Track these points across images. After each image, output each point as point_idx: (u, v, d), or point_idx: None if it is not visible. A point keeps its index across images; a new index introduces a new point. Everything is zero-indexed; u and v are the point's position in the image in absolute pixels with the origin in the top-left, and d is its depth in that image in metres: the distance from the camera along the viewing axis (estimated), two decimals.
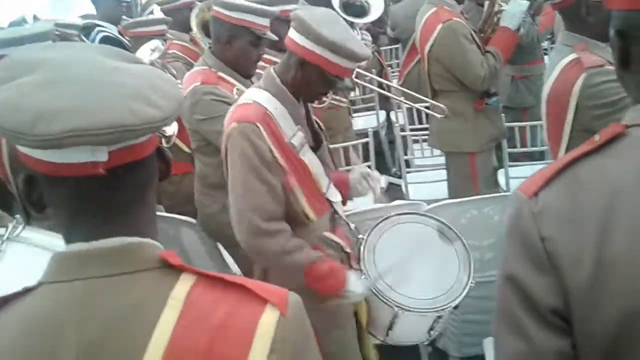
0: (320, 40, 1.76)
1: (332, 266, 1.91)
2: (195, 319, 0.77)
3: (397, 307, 1.93)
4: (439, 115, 3.09)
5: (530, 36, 4.02)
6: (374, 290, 1.96)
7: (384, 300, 1.95)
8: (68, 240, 0.81)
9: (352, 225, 2.21)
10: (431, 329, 2.05)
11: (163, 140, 2.84)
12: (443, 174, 3.55)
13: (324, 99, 3.00)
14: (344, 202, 2.17)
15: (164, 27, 3.60)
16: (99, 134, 0.71)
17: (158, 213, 2.79)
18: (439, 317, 1.98)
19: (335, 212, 2.05)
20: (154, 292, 0.78)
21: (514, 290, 0.87)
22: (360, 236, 2.15)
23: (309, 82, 1.86)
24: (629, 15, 0.85)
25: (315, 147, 2.00)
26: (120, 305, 0.76)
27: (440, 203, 2.71)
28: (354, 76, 3.03)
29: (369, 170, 2.24)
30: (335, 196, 2.05)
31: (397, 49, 5.84)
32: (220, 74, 2.58)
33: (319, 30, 1.76)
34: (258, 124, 1.80)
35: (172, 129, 2.87)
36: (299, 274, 1.86)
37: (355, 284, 1.91)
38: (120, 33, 4.05)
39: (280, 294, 0.82)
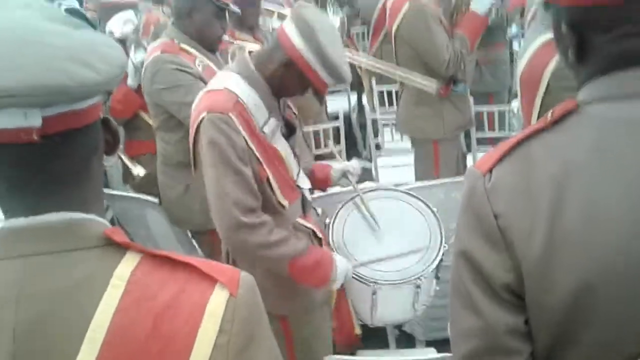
0: (318, 52, 1.69)
1: (317, 258, 1.87)
2: (140, 299, 0.74)
3: (372, 282, 1.92)
4: (433, 92, 3.02)
5: (500, 14, 4.03)
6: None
7: (359, 279, 1.94)
8: (7, 214, 0.77)
9: (319, 210, 2.20)
10: (415, 301, 2.03)
11: (132, 171, 2.80)
12: (412, 158, 3.57)
13: None
14: (323, 190, 2.16)
15: None
16: (29, 94, 0.68)
17: (124, 193, 2.74)
18: (418, 286, 1.97)
19: (305, 198, 2.03)
20: (97, 270, 0.75)
21: (467, 266, 0.87)
22: (327, 220, 2.14)
23: (287, 82, 1.80)
24: (583, 9, 0.85)
25: (288, 135, 1.95)
26: (61, 284, 0.73)
27: (407, 186, 2.72)
28: None
29: (349, 166, 2.20)
30: (305, 183, 2.03)
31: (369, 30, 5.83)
32: (183, 45, 2.52)
33: (321, 41, 1.68)
34: (231, 114, 1.72)
35: (137, 170, 2.82)
36: (284, 267, 1.81)
37: (340, 273, 1.89)
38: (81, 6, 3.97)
39: (231, 273, 0.80)
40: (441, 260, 2.00)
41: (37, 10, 0.78)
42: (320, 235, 2.06)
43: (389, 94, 4.35)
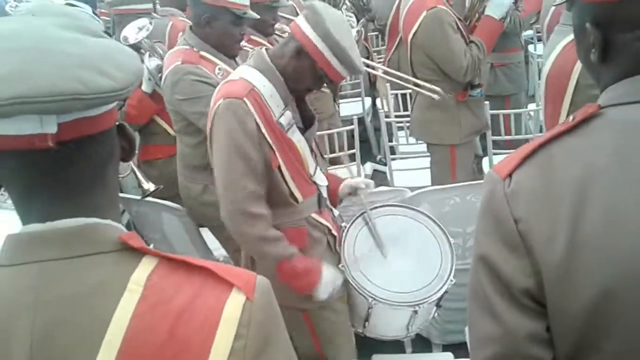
0: (327, 38, 1.75)
1: (307, 266, 1.88)
2: (156, 303, 0.74)
3: (371, 297, 1.92)
4: (435, 97, 2.97)
5: (513, 21, 4.00)
6: (350, 280, 1.95)
7: (359, 290, 1.93)
8: (24, 220, 0.78)
9: (336, 212, 2.19)
10: (410, 324, 2.02)
11: (142, 186, 2.82)
12: (427, 161, 3.54)
13: None
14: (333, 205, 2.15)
15: (150, 5, 3.54)
16: (44, 101, 0.68)
17: (139, 197, 2.73)
18: (415, 312, 1.95)
19: (321, 195, 2.03)
20: (114, 275, 0.75)
21: (486, 271, 0.86)
22: (343, 224, 2.13)
23: (299, 73, 1.83)
24: (610, 5, 0.84)
25: (304, 129, 1.97)
26: (77, 290, 0.73)
27: (423, 190, 2.70)
28: None
29: (361, 183, 2.18)
30: (322, 180, 2.03)
31: (384, 34, 5.81)
32: (203, 53, 2.53)
33: (329, 28, 1.74)
34: (245, 99, 1.78)
35: (147, 186, 2.84)
36: (272, 264, 1.83)
37: (323, 289, 1.89)
38: (95, 14, 3.98)
39: (247, 277, 0.79)
40: (445, 292, 1.98)
41: (53, 18, 0.79)
42: (335, 233, 2.06)
43: (404, 97, 4.33)
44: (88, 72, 0.72)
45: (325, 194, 2.06)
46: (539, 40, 5.35)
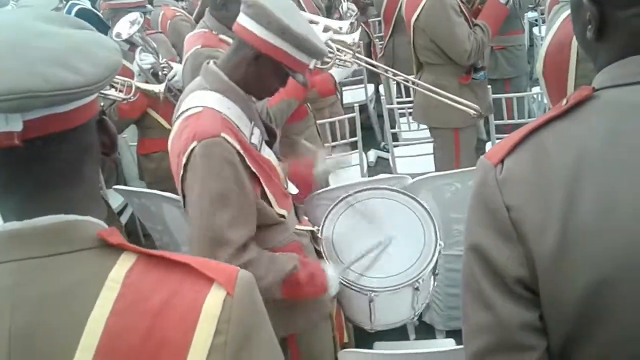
0: (284, 33, 1.57)
1: (310, 272, 1.78)
2: (134, 301, 0.73)
3: (369, 291, 1.88)
4: (472, 113, 2.74)
5: (513, 0, 3.95)
6: (343, 282, 1.89)
7: (355, 288, 1.89)
8: (4, 218, 0.77)
9: (306, 218, 2.13)
10: (414, 302, 1.98)
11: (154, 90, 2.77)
12: (430, 147, 3.53)
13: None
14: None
15: None
16: (2, 99, 0.67)
17: (142, 190, 2.74)
18: (416, 289, 1.92)
19: (295, 204, 1.97)
20: (91, 273, 0.74)
21: (478, 260, 0.85)
22: (315, 228, 2.06)
23: (262, 77, 1.67)
24: None
25: (270, 142, 1.85)
26: (55, 288, 0.72)
27: (423, 176, 2.67)
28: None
29: (330, 166, 2.12)
30: (293, 189, 1.94)
31: None
32: (222, 36, 2.47)
33: (282, 20, 1.56)
34: (223, 135, 1.57)
35: (158, 88, 2.81)
36: (277, 293, 1.71)
37: (333, 284, 1.83)
38: (96, 7, 3.98)
39: (229, 272, 0.78)
40: (438, 257, 1.95)
41: (36, 10, 0.78)
42: (320, 235, 2.02)
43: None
44: (54, 67, 0.70)
45: (296, 202, 1.99)
46: (544, 22, 5.29)
